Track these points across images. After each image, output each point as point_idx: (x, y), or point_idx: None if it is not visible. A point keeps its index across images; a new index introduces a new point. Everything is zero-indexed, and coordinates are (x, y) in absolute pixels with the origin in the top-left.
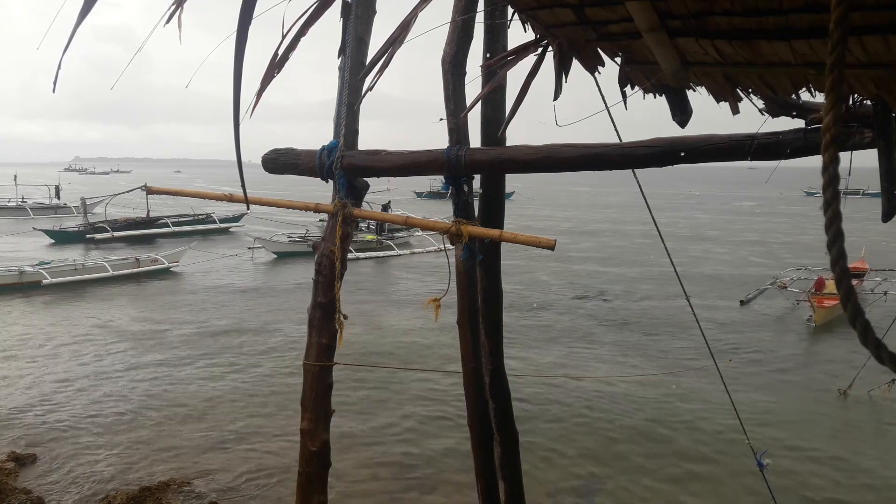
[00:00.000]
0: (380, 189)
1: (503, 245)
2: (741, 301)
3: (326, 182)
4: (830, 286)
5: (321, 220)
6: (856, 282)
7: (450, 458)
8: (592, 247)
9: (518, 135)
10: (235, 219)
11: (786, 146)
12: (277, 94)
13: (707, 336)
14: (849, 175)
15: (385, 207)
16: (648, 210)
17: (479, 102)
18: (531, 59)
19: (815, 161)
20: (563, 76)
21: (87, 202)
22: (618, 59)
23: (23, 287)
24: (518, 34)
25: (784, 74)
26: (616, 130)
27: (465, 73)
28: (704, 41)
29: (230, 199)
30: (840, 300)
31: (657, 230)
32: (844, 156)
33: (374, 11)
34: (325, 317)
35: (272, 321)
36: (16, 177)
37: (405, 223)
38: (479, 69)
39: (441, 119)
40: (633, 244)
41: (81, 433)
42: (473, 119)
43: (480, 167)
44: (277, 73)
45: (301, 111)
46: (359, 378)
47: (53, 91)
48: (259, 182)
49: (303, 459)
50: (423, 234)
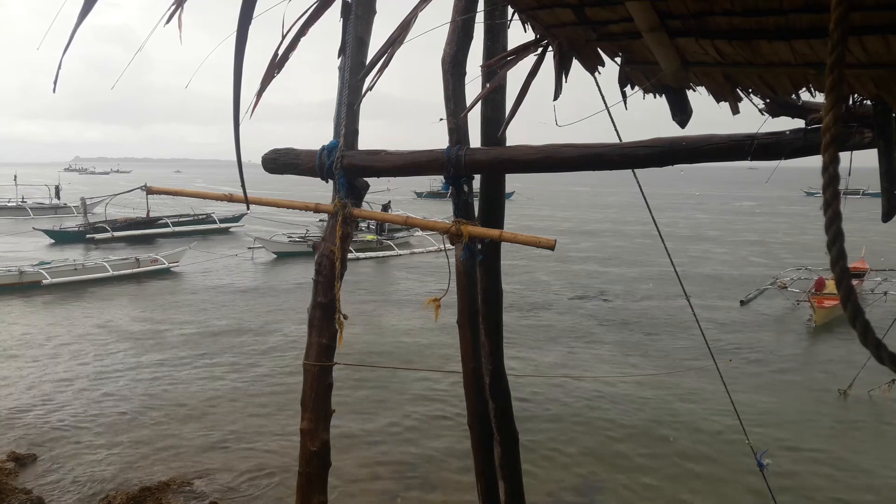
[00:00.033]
0: (380, 189)
1: (503, 245)
2: (741, 301)
3: (326, 182)
4: (830, 286)
5: (321, 220)
6: (856, 282)
7: (450, 458)
8: (592, 247)
9: (518, 135)
10: (235, 219)
11: (786, 146)
12: (277, 94)
13: (707, 336)
14: (849, 175)
15: (385, 207)
16: (648, 210)
17: (479, 102)
18: (531, 59)
19: (815, 161)
20: (563, 76)
21: (87, 202)
22: (618, 59)
23: (23, 287)
24: (518, 34)
25: (784, 74)
26: (616, 130)
27: (465, 73)
28: (704, 41)
29: (230, 199)
30: (840, 300)
31: (657, 230)
32: (844, 156)
33: (374, 11)
34: (325, 317)
35: (272, 321)
36: (16, 177)
37: (405, 223)
38: (479, 69)
39: (441, 119)
40: (633, 244)
41: (81, 433)
42: (473, 119)
43: (480, 167)
44: (277, 73)
45: (301, 111)
46: (359, 378)
47: (54, 91)
48: (259, 182)
49: (303, 459)
50: (423, 234)
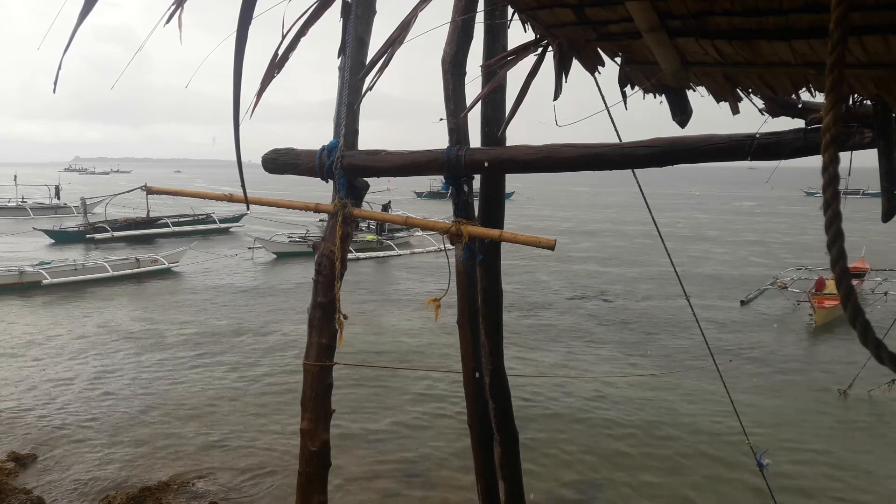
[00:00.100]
0: (380, 189)
1: (503, 245)
2: (741, 301)
3: (326, 182)
4: (831, 286)
5: (321, 220)
6: (856, 282)
7: (450, 458)
8: (592, 247)
9: (518, 135)
10: (235, 219)
11: (786, 146)
12: (277, 94)
13: (707, 336)
14: (849, 175)
15: (385, 207)
16: (648, 210)
17: (479, 102)
18: (531, 59)
19: (815, 161)
20: (563, 76)
21: (87, 202)
22: (618, 59)
23: (23, 287)
24: (518, 34)
25: (784, 74)
26: (616, 130)
27: (465, 73)
28: (704, 41)
29: (230, 199)
30: (840, 300)
31: (657, 230)
32: (844, 156)
33: (374, 11)
34: (325, 317)
35: (272, 321)
36: (16, 177)
37: (405, 223)
38: (479, 69)
39: (441, 119)
40: (633, 244)
41: (81, 433)
42: (473, 119)
43: (480, 167)
44: (277, 73)
45: (301, 111)
46: (359, 378)
47: (54, 91)
48: (259, 182)
49: (303, 459)
50: (423, 234)
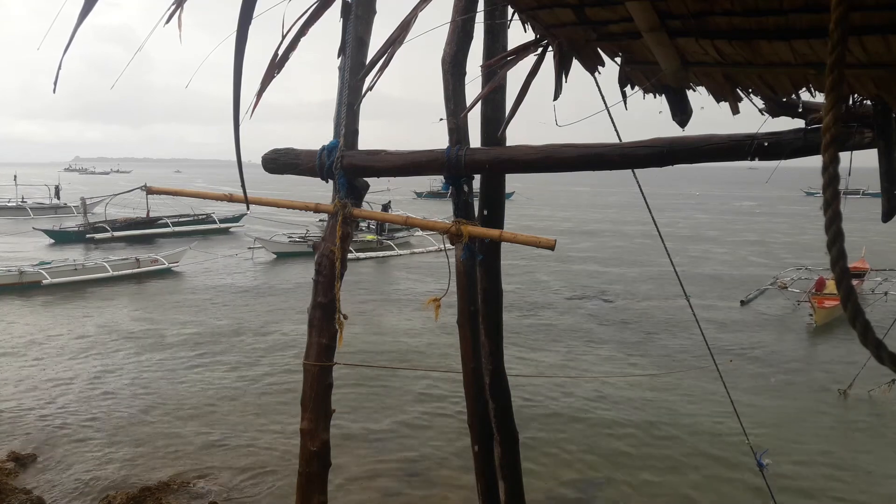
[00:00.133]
0: (380, 189)
1: (503, 245)
2: (742, 301)
3: (326, 182)
4: (831, 286)
5: (321, 220)
6: (856, 282)
7: (450, 458)
8: (592, 247)
9: (518, 135)
10: (235, 219)
11: (786, 146)
12: (277, 94)
13: (707, 336)
14: (849, 175)
15: (385, 207)
16: (648, 210)
17: (479, 102)
18: (531, 59)
19: (815, 161)
20: (563, 76)
21: (87, 202)
22: (618, 59)
23: (23, 287)
24: (518, 34)
25: (784, 74)
26: (616, 130)
27: (465, 73)
28: (704, 41)
29: (230, 199)
30: (840, 300)
31: (657, 230)
32: (844, 156)
33: (374, 11)
34: (325, 317)
35: (272, 321)
36: (16, 177)
37: (405, 223)
38: (479, 69)
39: (441, 119)
40: (633, 244)
41: (81, 433)
42: (473, 119)
43: (480, 167)
44: (277, 73)
45: (301, 111)
46: (359, 378)
47: (54, 91)
48: (259, 182)
49: (303, 459)
50: (423, 234)
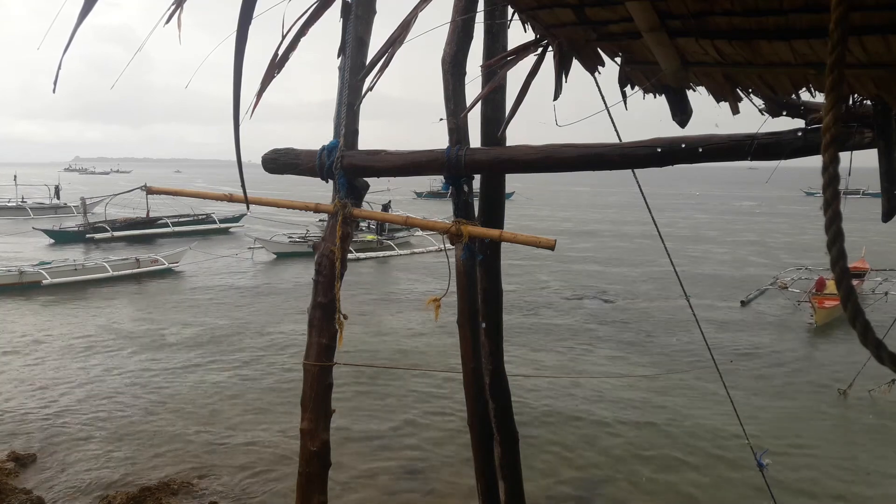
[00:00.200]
0: (380, 189)
1: (503, 245)
2: (742, 301)
3: (326, 182)
4: (831, 286)
5: (321, 220)
6: (856, 282)
7: (450, 458)
8: (592, 247)
9: (518, 135)
10: (235, 219)
11: (786, 146)
12: (277, 94)
13: (707, 336)
14: (849, 175)
15: (385, 207)
16: (648, 210)
17: (479, 102)
18: (531, 59)
19: (815, 161)
20: (563, 76)
21: (87, 202)
22: (618, 59)
23: (23, 287)
24: (518, 34)
25: (784, 74)
26: (616, 130)
27: (465, 73)
28: (704, 41)
29: (230, 199)
30: (840, 300)
31: (657, 230)
32: (844, 156)
33: (374, 11)
34: (325, 317)
35: (272, 321)
36: (16, 177)
37: (405, 223)
38: (479, 69)
39: (441, 119)
40: (633, 244)
41: (82, 433)
42: (473, 119)
43: (480, 167)
44: (277, 73)
45: (301, 111)
46: (359, 378)
47: (54, 91)
48: (259, 182)
49: (303, 459)
50: (423, 234)
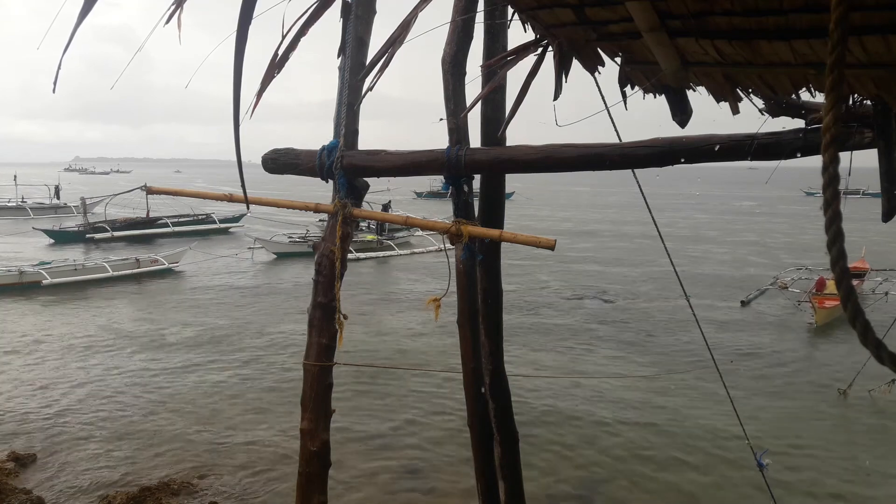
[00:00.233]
0: (380, 189)
1: (503, 245)
2: (742, 301)
3: (326, 182)
4: (831, 286)
5: (321, 220)
6: (856, 282)
7: (450, 458)
8: (592, 247)
9: (518, 135)
10: (235, 219)
11: (786, 146)
12: (277, 94)
13: (707, 336)
14: (849, 175)
15: (385, 207)
16: (648, 210)
17: (479, 102)
18: (531, 59)
19: (815, 161)
20: (563, 76)
21: (87, 202)
22: (618, 59)
23: (23, 287)
24: (518, 34)
25: (784, 74)
26: (616, 130)
27: (465, 73)
28: (704, 41)
29: (230, 199)
30: (840, 300)
31: (657, 230)
32: (844, 156)
33: (374, 11)
34: (325, 317)
35: (272, 321)
36: (16, 177)
37: (405, 223)
38: (479, 69)
39: (441, 119)
40: (633, 244)
41: (82, 433)
42: (473, 119)
43: (480, 167)
44: (277, 73)
45: (301, 111)
46: (359, 378)
47: (53, 91)
48: (259, 182)
49: (303, 459)
50: (423, 234)
